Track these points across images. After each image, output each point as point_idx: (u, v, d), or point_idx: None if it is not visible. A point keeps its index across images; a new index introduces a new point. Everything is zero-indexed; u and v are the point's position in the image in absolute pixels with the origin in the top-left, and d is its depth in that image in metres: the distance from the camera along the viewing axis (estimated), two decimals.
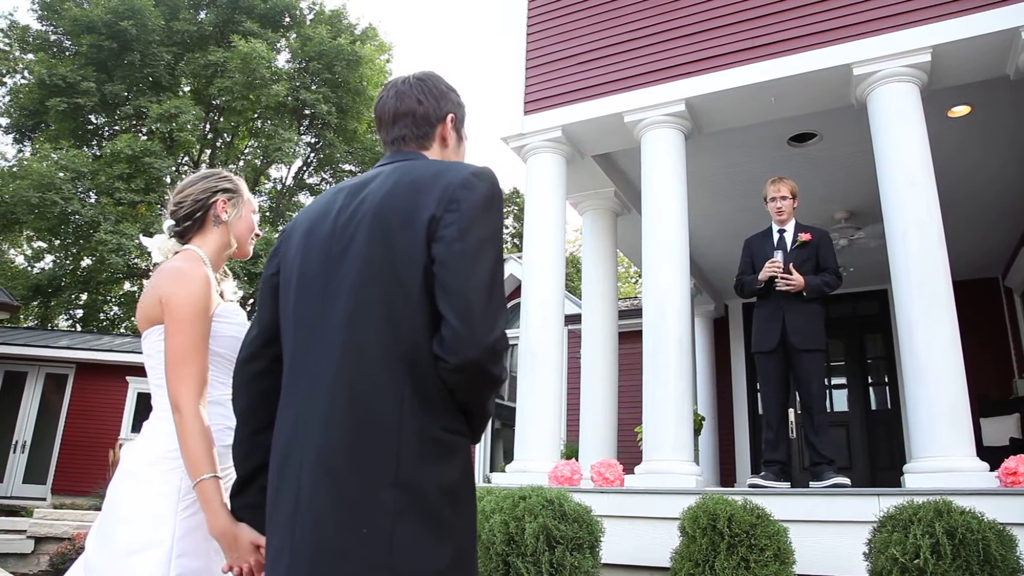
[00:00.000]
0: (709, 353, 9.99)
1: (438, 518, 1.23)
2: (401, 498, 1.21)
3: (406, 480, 1.22)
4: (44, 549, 7.62)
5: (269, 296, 1.53)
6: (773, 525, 3.38)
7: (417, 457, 1.24)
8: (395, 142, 1.55)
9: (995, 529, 2.95)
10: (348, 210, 1.41)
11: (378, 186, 1.41)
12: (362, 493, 1.22)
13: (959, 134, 5.90)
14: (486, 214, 1.34)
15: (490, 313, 1.29)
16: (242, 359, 1.54)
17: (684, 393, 4.85)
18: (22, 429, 13.04)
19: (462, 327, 1.25)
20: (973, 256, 8.26)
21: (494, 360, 1.29)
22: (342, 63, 21.62)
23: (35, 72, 19.75)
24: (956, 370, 4.10)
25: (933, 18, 4.66)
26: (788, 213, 4.98)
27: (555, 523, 3.46)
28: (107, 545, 1.71)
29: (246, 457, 1.50)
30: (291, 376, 1.39)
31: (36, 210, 17.79)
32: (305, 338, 1.38)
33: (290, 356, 1.41)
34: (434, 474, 1.25)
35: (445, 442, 1.29)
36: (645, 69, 5.56)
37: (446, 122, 1.57)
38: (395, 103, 1.55)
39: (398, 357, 1.28)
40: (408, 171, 1.42)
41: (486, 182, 1.37)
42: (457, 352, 1.25)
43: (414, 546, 1.20)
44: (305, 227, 1.48)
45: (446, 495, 1.25)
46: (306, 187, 25.28)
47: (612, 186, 6.66)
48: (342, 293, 1.34)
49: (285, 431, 1.36)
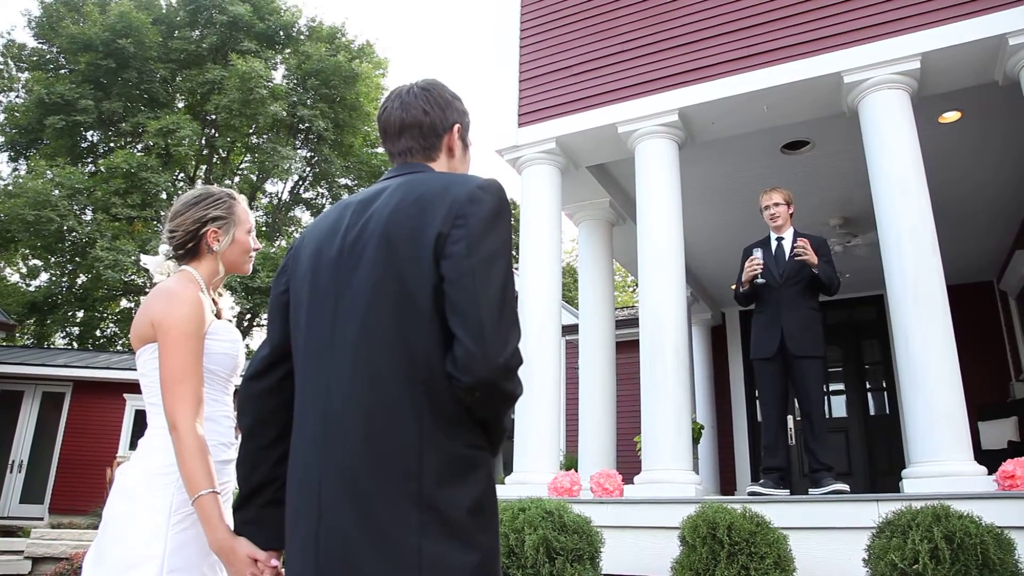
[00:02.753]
0: (707, 361, 9.99)
1: (465, 533, 1.23)
2: (427, 516, 1.21)
3: (430, 499, 1.22)
4: (41, 570, 7.57)
5: (278, 315, 1.51)
6: (773, 533, 3.38)
7: (440, 476, 1.24)
8: (402, 154, 1.53)
9: (993, 533, 2.96)
10: (356, 228, 1.39)
11: (384, 203, 1.39)
12: (388, 513, 1.21)
13: (950, 140, 5.94)
14: (494, 228, 1.32)
15: (502, 330, 1.27)
16: (249, 375, 1.53)
17: (682, 402, 4.85)
18: (19, 448, 12.96)
19: (474, 346, 1.24)
20: (967, 261, 8.29)
21: (508, 377, 1.27)
22: (339, 79, 21.75)
23: (34, 92, 19.81)
24: (952, 374, 4.11)
25: (921, 26, 4.70)
26: (784, 219, 5.00)
27: (555, 534, 3.46)
28: (102, 562, 1.73)
29: (250, 473, 1.50)
30: (304, 397, 1.38)
31: (32, 228, 17.80)
32: (317, 359, 1.36)
33: (302, 376, 1.40)
34: (459, 491, 1.25)
35: (467, 458, 1.28)
36: (638, 80, 5.60)
37: (452, 132, 1.55)
38: (401, 114, 1.52)
39: (414, 377, 1.27)
40: (414, 186, 1.39)
41: (492, 194, 1.35)
42: (471, 371, 1.24)
43: (443, 560, 1.20)
44: (314, 246, 1.46)
45: (471, 510, 1.25)
46: (302, 202, 25.34)
47: (607, 196, 6.68)
48: (353, 313, 1.32)
49: (302, 453, 1.35)
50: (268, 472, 1.48)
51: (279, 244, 22.88)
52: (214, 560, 1.66)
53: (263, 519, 1.51)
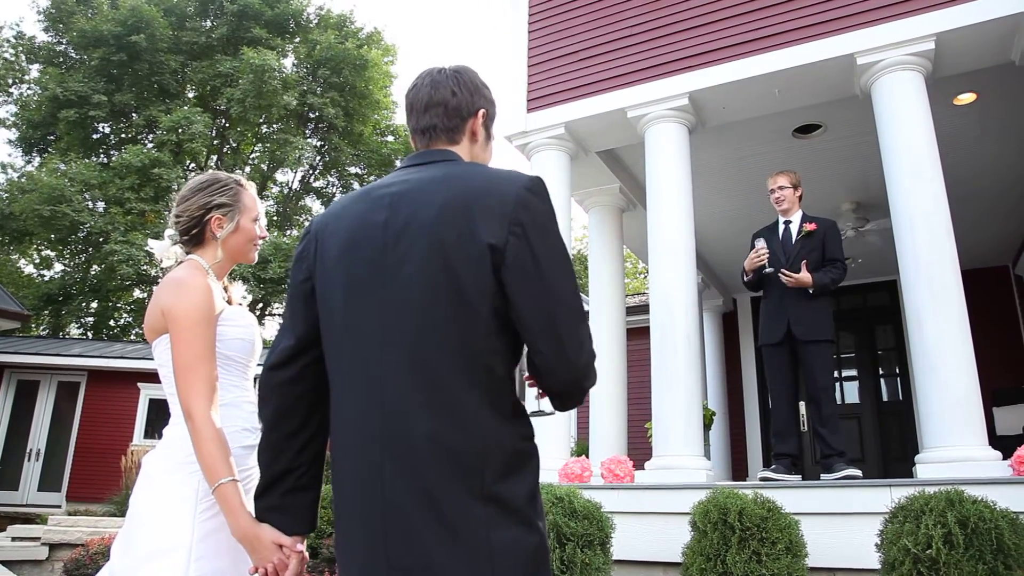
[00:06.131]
0: (718, 347, 9.96)
1: (526, 519, 1.29)
2: (492, 509, 1.26)
3: (493, 493, 1.27)
4: (58, 556, 7.66)
5: (301, 304, 1.49)
6: (784, 518, 3.37)
7: (501, 470, 1.28)
8: (425, 131, 1.53)
9: (1008, 518, 2.93)
10: (396, 223, 1.38)
11: (426, 200, 1.37)
12: (454, 510, 1.25)
13: (965, 122, 5.85)
14: (553, 233, 1.35)
15: (577, 334, 1.33)
16: (270, 365, 1.51)
17: (693, 388, 4.83)
18: (36, 437, 13.12)
19: (555, 356, 1.31)
20: (982, 245, 8.19)
21: (588, 375, 1.36)
22: (349, 67, 21.69)
23: (48, 88, 19.87)
24: (967, 360, 4.07)
25: (936, 5, 4.62)
26: (790, 202, 4.95)
27: (565, 520, 3.46)
28: (129, 551, 1.74)
29: (273, 461, 1.50)
30: (352, 393, 1.38)
31: (47, 222, 17.94)
32: (365, 354, 1.36)
33: (345, 371, 1.40)
34: (517, 482, 1.30)
35: (523, 451, 1.34)
36: (647, 64, 5.55)
37: (477, 116, 1.55)
38: (430, 91, 1.53)
39: (473, 379, 1.30)
40: (451, 183, 1.39)
41: (542, 197, 1.37)
42: (554, 377, 1.34)
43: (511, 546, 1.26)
44: (345, 236, 1.43)
45: (528, 498, 1.31)
46: (313, 191, 25.37)
47: (617, 182, 6.64)
48: (405, 313, 1.33)
49: (359, 449, 1.35)
50: (291, 460, 1.49)
51: (290, 233, 22.94)
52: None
53: (286, 505, 1.52)
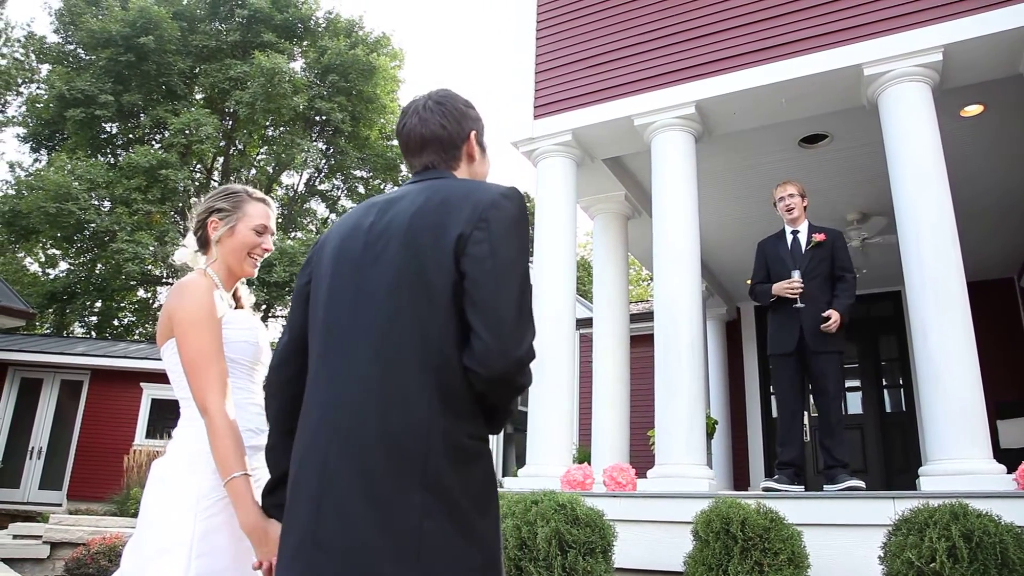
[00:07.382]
0: (721, 356, 9.94)
1: (465, 521, 1.29)
2: (430, 500, 1.27)
3: (434, 483, 1.28)
4: (60, 554, 7.66)
5: (300, 305, 1.58)
6: (787, 529, 3.35)
7: (445, 462, 1.30)
8: (426, 168, 1.61)
9: (1013, 532, 2.92)
10: (379, 225, 1.47)
11: (409, 203, 1.47)
12: (394, 494, 1.27)
13: (972, 134, 5.84)
14: (515, 233, 1.41)
15: (519, 328, 1.36)
16: (274, 364, 1.61)
17: (696, 397, 4.82)
18: (38, 435, 13.14)
19: (493, 342, 1.33)
20: (988, 257, 8.17)
21: (522, 371, 1.37)
22: (357, 73, 21.79)
23: (56, 87, 19.99)
24: (971, 372, 4.06)
25: (944, 17, 4.62)
26: (799, 211, 4.95)
27: (567, 527, 3.45)
28: (139, 549, 1.80)
29: (281, 459, 1.54)
30: (317, 378, 1.44)
31: (53, 220, 18.01)
32: (333, 343, 1.43)
33: (316, 359, 1.46)
34: (460, 479, 1.31)
35: (470, 448, 1.35)
36: (654, 72, 5.55)
37: (470, 140, 1.63)
38: (421, 130, 1.60)
39: (427, 366, 1.34)
40: (438, 190, 1.48)
41: (514, 202, 1.44)
42: (488, 365, 1.33)
43: (444, 547, 1.26)
44: (337, 242, 1.54)
45: (472, 499, 1.32)
46: (318, 193, 25.42)
47: (623, 189, 6.65)
48: (373, 303, 1.40)
49: (308, 431, 1.40)
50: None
51: (295, 236, 22.98)
52: (247, 546, 1.70)
53: None
